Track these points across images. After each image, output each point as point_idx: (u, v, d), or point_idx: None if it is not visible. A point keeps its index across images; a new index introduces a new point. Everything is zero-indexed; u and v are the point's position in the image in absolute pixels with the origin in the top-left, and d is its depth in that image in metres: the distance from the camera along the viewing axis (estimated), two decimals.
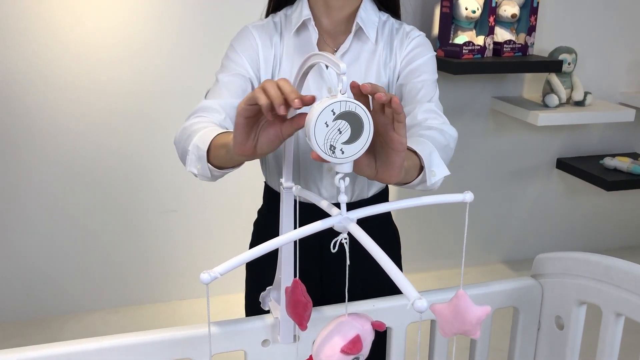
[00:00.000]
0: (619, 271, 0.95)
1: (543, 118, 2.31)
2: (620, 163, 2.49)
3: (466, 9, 2.20)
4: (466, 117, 2.53)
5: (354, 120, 0.62)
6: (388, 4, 1.12)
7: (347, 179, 0.65)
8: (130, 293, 2.41)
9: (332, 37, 1.07)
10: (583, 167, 2.55)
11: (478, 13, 2.22)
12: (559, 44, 2.43)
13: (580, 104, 2.47)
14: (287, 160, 0.85)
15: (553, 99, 2.39)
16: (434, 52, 1.09)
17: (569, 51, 2.42)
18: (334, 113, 0.61)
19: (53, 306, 2.33)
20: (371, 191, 1.13)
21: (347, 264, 0.65)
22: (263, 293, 1.01)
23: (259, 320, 0.95)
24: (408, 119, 1.01)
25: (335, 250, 0.63)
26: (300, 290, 0.73)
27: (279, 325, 0.93)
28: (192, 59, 2.19)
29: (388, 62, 1.07)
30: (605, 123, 2.68)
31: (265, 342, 0.95)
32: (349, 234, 0.64)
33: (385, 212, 0.99)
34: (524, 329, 1.11)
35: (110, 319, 2.33)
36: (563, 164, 2.67)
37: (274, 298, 0.98)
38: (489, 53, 2.29)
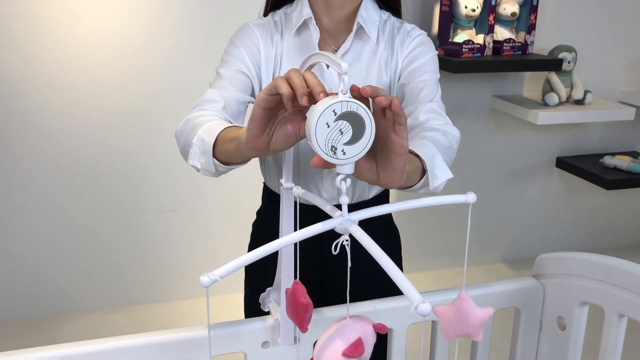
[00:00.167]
0: (622, 272, 0.94)
1: (543, 117, 2.31)
2: (620, 162, 2.48)
3: (466, 8, 2.19)
4: (466, 116, 2.52)
5: (356, 120, 0.61)
6: (389, 2, 1.11)
7: (349, 181, 0.64)
8: (129, 293, 2.40)
9: (333, 37, 1.06)
10: (583, 166, 2.55)
11: (478, 11, 2.21)
12: (559, 43, 2.43)
13: (580, 103, 2.47)
14: (287, 160, 0.84)
15: (553, 98, 2.39)
16: (436, 51, 1.08)
17: (569, 50, 2.41)
18: (335, 113, 0.61)
19: (52, 306, 2.32)
20: (372, 192, 1.12)
21: (349, 266, 0.64)
22: (263, 294, 1.00)
23: (259, 321, 0.94)
24: (410, 120, 1.00)
25: (336, 252, 0.62)
26: (300, 291, 0.72)
27: (279, 326, 0.92)
28: (191, 59, 2.18)
29: (389, 62, 1.06)
30: (605, 122, 2.67)
31: (265, 344, 0.94)
32: (350, 236, 0.64)
33: (386, 214, 0.98)
34: (526, 330, 1.10)
35: (109, 319, 2.32)
36: (563, 163, 2.67)
37: (274, 299, 0.97)
38: (489, 52, 2.29)
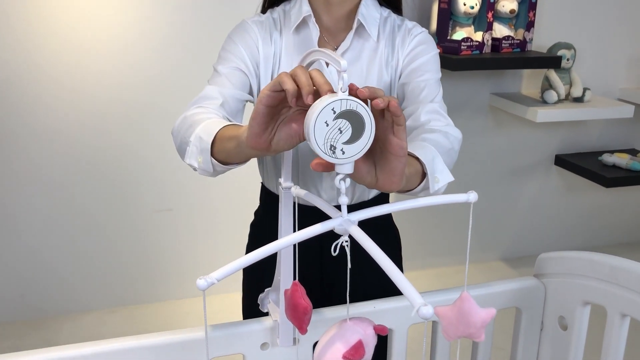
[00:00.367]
0: (624, 271, 0.93)
1: (542, 114, 2.30)
2: (619, 159, 2.48)
3: (464, 5, 2.18)
4: (464, 114, 2.51)
5: (355, 119, 0.60)
6: None
7: (348, 180, 0.62)
8: (127, 293, 2.39)
9: (332, 35, 1.04)
10: (582, 164, 2.54)
11: (476, 9, 2.20)
12: (558, 40, 2.42)
13: (579, 100, 2.46)
14: (287, 160, 0.83)
15: (552, 95, 2.38)
16: (437, 50, 1.07)
17: (568, 47, 2.40)
18: (335, 112, 0.59)
19: (48, 307, 2.31)
20: (372, 193, 1.11)
21: (349, 268, 0.63)
22: (261, 295, 0.99)
23: (258, 323, 0.93)
24: (410, 121, 0.98)
25: (336, 253, 0.61)
26: (299, 293, 0.71)
27: (278, 328, 0.91)
28: (188, 58, 2.17)
29: (390, 60, 1.04)
30: (604, 119, 2.66)
31: (264, 346, 0.93)
32: (350, 236, 0.62)
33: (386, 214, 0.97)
34: (527, 330, 1.09)
35: (106, 319, 2.31)
36: (562, 161, 2.66)
37: (273, 300, 0.96)
38: (488, 49, 2.28)
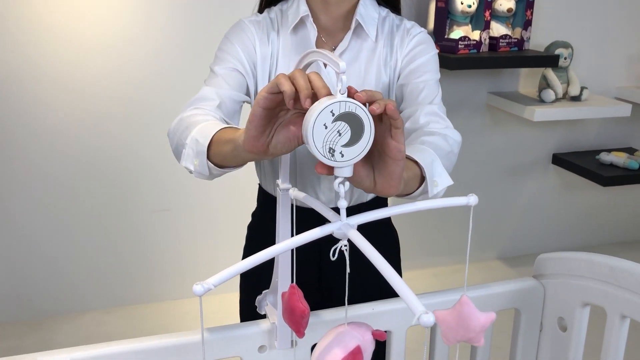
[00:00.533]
0: (624, 272, 0.92)
1: (539, 113, 2.29)
2: (616, 158, 2.48)
3: (462, 4, 2.18)
4: (462, 113, 2.50)
5: (354, 121, 0.59)
6: None
7: (347, 184, 0.61)
8: (125, 293, 2.38)
9: (330, 35, 1.03)
10: (579, 163, 2.54)
11: (474, 7, 2.19)
12: (555, 39, 2.41)
13: (576, 99, 2.45)
14: (284, 161, 0.82)
15: (549, 94, 2.37)
16: (436, 50, 1.05)
17: (565, 46, 2.40)
18: (333, 114, 0.59)
19: (46, 306, 2.30)
20: (370, 194, 1.10)
21: (347, 272, 0.62)
22: (259, 297, 0.99)
23: (255, 325, 0.92)
24: (409, 123, 0.97)
25: (335, 258, 0.60)
26: (297, 296, 0.70)
27: (276, 330, 0.90)
28: (187, 57, 2.16)
29: (388, 61, 1.03)
30: (601, 118, 2.66)
31: (261, 348, 0.92)
32: (349, 240, 0.62)
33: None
34: (526, 331, 1.09)
35: (103, 320, 2.30)
36: (559, 160, 2.66)
37: (271, 302, 0.95)
38: (485, 48, 2.27)
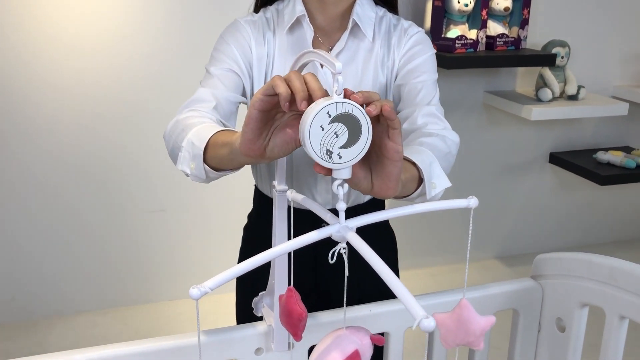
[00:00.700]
0: (623, 273, 0.92)
1: (537, 112, 2.29)
2: (613, 157, 2.47)
3: (459, 3, 2.17)
4: (459, 112, 2.50)
5: (351, 122, 0.58)
6: None
7: (346, 186, 0.61)
8: (119, 294, 2.37)
9: (327, 35, 1.02)
10: (576, 162, 2.54)
11: (471, 6, 2.19)
12: (552, 38, 2.41)
13: (573, 98, 2.45)
14: (280, 162, 0.81)
15: (546, 93, 2.37)
16: (434, 50, 1.04)
17: (562, 45, 2.39)
18: (330, 115, 0.58)
19: (39, 308, 2.28)
20: (367, 196, 1.09)
21: (346, 275, 0.61)
22: (255, 299, 0.98)
23: (252, 327, 0.91)
24: (407, 124, 0.97)
25: (333, 261, 0.59)
26: (294, 299, 0.69)
27: (273, 332, 0.90)
28: (181, 57, 2.14)
29: (386, 61, 1.02)
30: (598, 117, 2.66)
31: (258, 351, 0.92)
32: (347, 243, 0.61)
33: None
34: (524, 332, 1.08)
35: (98, 321, 2.28)
36: (556, 159, 2.66)
37: (267, 304, 0.95)
38: (482, 47, 2.26)
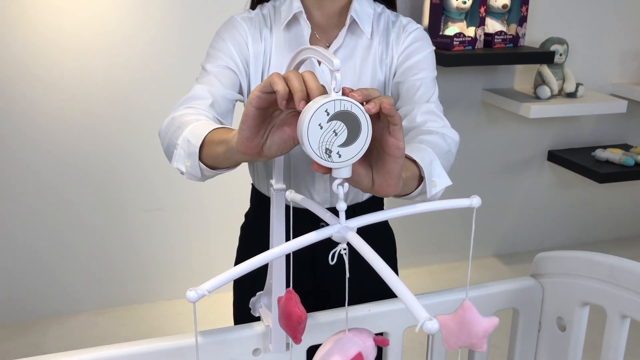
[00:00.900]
0: (624, 271, 0.91)
1: (535, 110, 2.28)
2: (612, 155, 2.47)
3: (456, 0, 2.16)
4: (457, 110, 2.49)
5: (351, 120, 0.57)
6: None
7: (346, 185, 0.59)
8: (117, 294, 2.35)
9: (324, 32, 1.01)
10: (575, 159, 2.53)
11: (469, 4, 2.18)
12: (551, 35, 2.40)
13: (572, 96, 2.44)
14: (277, 160, 0.80)
15: (545, 91, 2.36)
16: (433, 47, 1.03)
17: (561, 42, 2.38)
18: (328, 113, 0.57)
19: (37, 308, 2.27)
20: (366, 194, 1.08)
21: (347, 277, 0.60)
22: (253, 299, 0.97)
23: (249, 328, 0.90)
24: (406, 122, 0.96)
25: (333, 262, 0.58)
26: (294, 301, 0.68)
27: (271, 333, 0.89)
28: (177, 55, 2.13)
29: (384, 58, 1.01)
30: (597, 115, 2.65)
31: (256, 352, 0.91)
32: (347, 243, 0.60)
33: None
34: (524, 331, 1.07)
35: (95, 321, 2.27)
36: (554, 156, 2.65)
37: (265, 304, 0.94)
38: (480, 44, 2.25)
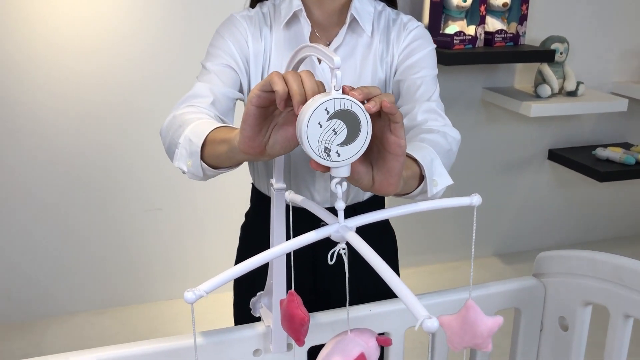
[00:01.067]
0: (628, 271, 0.90)
1: (536, 109, 2.27)
2: (612, 153, 2.46)
3: None
4: (457, 109, 2.48)
5: (350, 119, 0.57)
6: None
7: (345, 184, 0.59)
8: (115, 294, 2.35)
9: (324, 30, 1.00)
10: (575, 158, 2.52)
11: (469, 2, 2.17)
12: (551, 33, 2.39)
13: (572, 94, 2.43)
14: (278, 160, 0.80)
15: (545, 90, 2.35)
16: (434, 45, 1.02)
17: (561, 40, 2.38)
18: (328, 112, 0.56)
19: (35, 308, 2.26)
20: (367, 193, 1.07)
21: (347, 277, 0.59)
22: (253, 299, 0.96)
23: (250, 329, 0.90)
24: (407, 120, 0.95)
25: (332, 262, 0.57)
26: (296, 303, 0.67)
27: (271, 333, 0.88)
28: (175, 56, 2.12)
29: (385, 57, 1.00)
30: (597, 113, 2.65)
31: (257, 352, 0.90)
32: (347, 243, 0.59)
33: None
34: (526, 330, 1.07)
35: (95, 321, 2.27)
36: (555, 155, 2.64)
37: (265, 304, 0.93)
38: (480, 43, 2.25)
